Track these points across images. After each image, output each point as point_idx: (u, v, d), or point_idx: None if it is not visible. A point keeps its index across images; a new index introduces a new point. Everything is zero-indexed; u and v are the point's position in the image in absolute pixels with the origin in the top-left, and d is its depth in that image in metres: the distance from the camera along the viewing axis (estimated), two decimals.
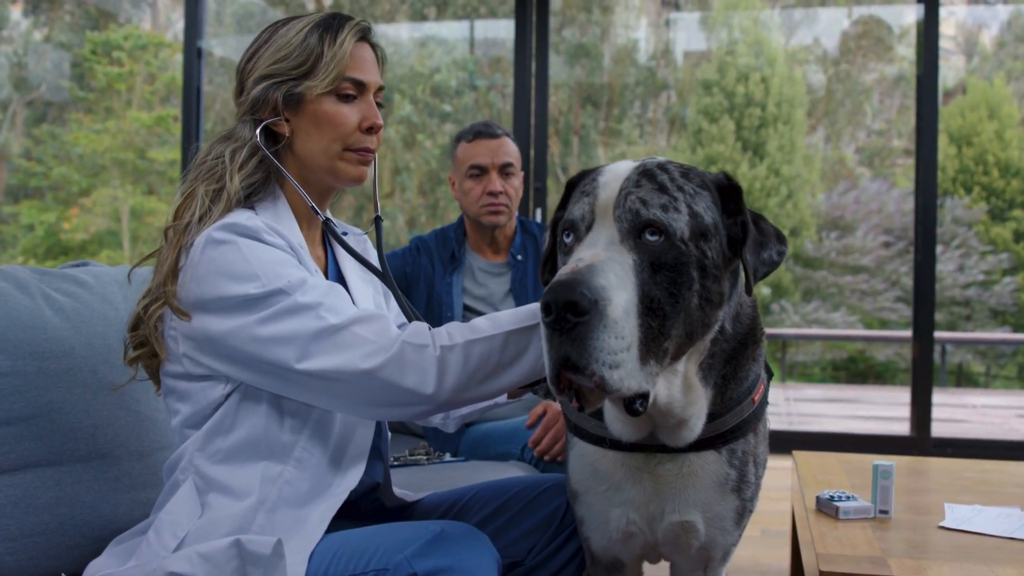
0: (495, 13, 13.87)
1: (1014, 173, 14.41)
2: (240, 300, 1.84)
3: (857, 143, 15.85)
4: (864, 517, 2.66)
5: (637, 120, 15.77)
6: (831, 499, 2.71)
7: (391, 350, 1.80)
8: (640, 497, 1.94)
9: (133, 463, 2.33)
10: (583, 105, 14.96)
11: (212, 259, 1.87)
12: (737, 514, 1.97)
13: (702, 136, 14.69)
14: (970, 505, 2.81)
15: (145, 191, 14.62)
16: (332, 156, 2.08)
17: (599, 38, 14.74)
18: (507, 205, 3.61)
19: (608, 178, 1.72)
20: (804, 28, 15.59)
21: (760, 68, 14.58)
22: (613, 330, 1.53)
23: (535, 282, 3.62)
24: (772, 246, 1.79)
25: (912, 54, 15.20)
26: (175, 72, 13.80)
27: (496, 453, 3.23)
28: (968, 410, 10.10)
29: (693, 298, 1.66)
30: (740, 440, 1.93)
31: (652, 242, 1.64)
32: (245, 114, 2.08)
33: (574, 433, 2.04)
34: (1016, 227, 14.31)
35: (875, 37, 15.26)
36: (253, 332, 1.83)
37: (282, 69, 2.03)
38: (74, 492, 2.19)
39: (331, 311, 1.83)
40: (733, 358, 1.87)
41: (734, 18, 14.89)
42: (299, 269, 1.90)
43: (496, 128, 3.69)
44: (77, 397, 2.23)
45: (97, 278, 2.48)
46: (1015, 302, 14.22)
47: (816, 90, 15.49)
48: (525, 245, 3.69)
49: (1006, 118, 14.48)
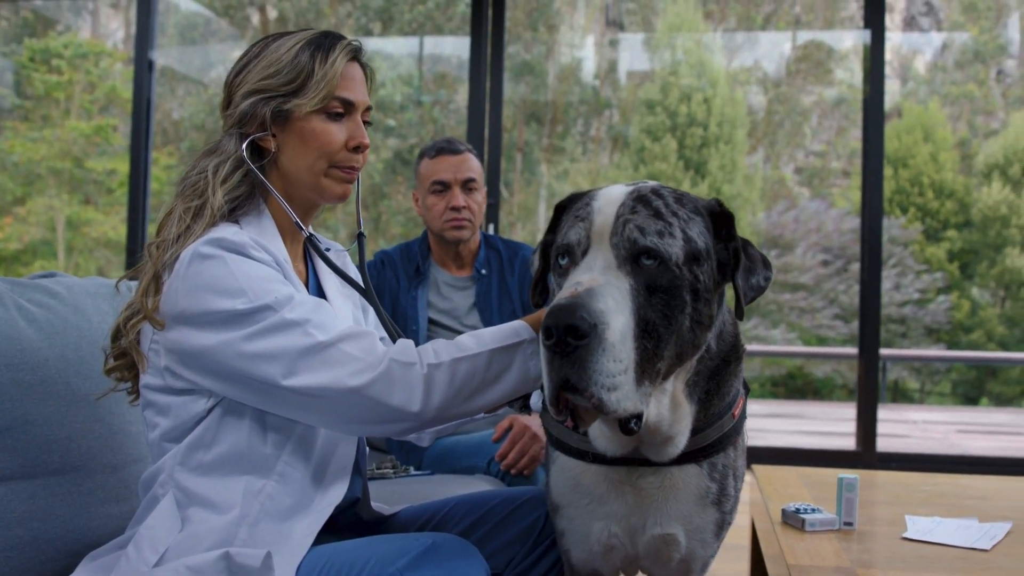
0: (441, 30, 13.91)
1: (948, 194, 14.72)
2: (227, 315, 1.83)
3: (796, 163, 16.09)
4: (829, 529, 2.71)
5: (580, 138, 15.88)
6: (797, 511, 2.75)
7: (378, 368, 1.80)
8: (622, 510, 1.96)
9: (106, 476, 2.30)
10: (527, 122, 15.04)
11: (198, 273, 1.86)
12: (717, 526, 2.00)
13: (645, 154, 14.82)
14: (929, 517, 2.87)
15: (82, 201, 14.41)
16: (317, 173, 2.08)
17: (544, 56, 14.82)
18: (470, 220, 3.64)
19: (602, 203, 1.75)
20: (746, 50, 15.81)
21: (702, 89, 14.76)
22: (611, 353, 1.56)
23: (499, 296, 3.64)
24: (760, 271, 1.84)
25: (851, 77, 15.49)
26: (116, 81, 13.67)
27: (462, 467, 3.24)
28: (908, 425, 10.28)
29: (685, 321, 1.70)
30: (721, 454, 1.97)
31: (648, 267, 1.67)
32: (232, 128, 2.07)
33: (556, 447, 2.05)
34: (950, 247, 14.61)
35: (815, 60, 15.51)
36: (239, 348, 1.82)
37: (272, 85, 2.03)
38: (47, 506, 2.16)
39: (319, 328, 1.83)
40: (716, 374, 1.90)
41: (677, 39, 15.05)
42: (286, 285, 1.90)
43: (459, 144, 3.71)
44: (51, 409, 2.20)
45: (69, 289, 2.45)
46: (949, 320, 14.49)
47: (756, 111, 15.71)
48: (489, 260, 3.71)
49: (940, 141, 14.80)
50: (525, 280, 3.68)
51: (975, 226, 14.64)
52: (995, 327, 14.42)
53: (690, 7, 15.26)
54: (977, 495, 3.29)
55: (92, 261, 14.07)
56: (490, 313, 3.61)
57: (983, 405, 14.11)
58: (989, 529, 2.74)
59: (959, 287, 14.62)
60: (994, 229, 14.32)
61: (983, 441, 9.35)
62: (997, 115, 15.90)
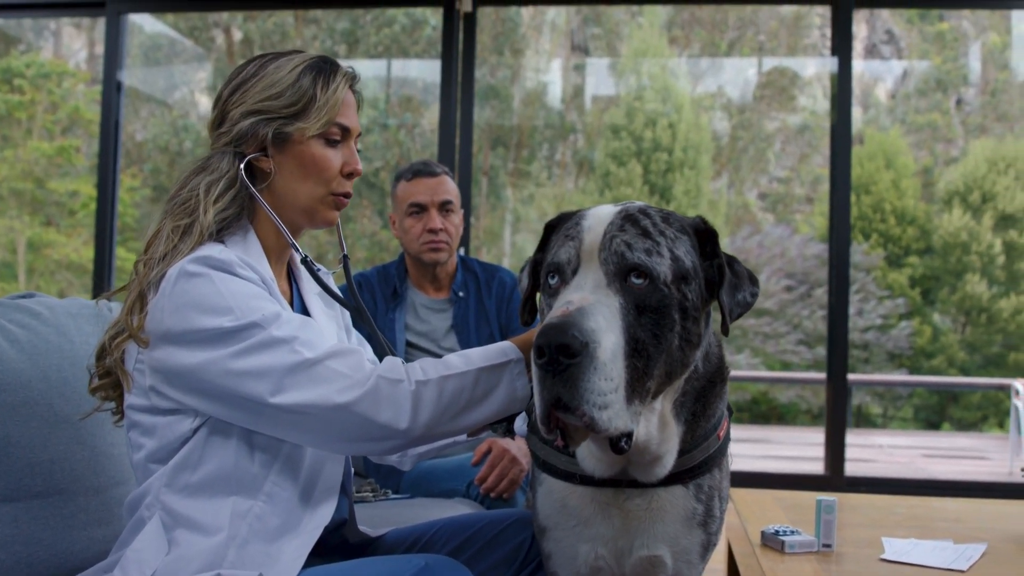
0: (407, 53, 13.94)
1: (910, 221, 14.88)
2: (214, 333, 1.81)
3: (760, 189, 16.23)
4: (809, 551, 2.73)
5: (546, 162, 15.94)
6: (776, 533, 2.77)
7: (366, 385, 1.80)
8: (609, 532, 1.96)
9: (90, 499, 2.27)
10: (492, 146, 15.08)
11: (185, 291, 1.84)
12: (703, 547, 2.01)
13: (610, 179, 14.90)
14: (905, 539, 2.89)
15: (43, 222, 14.28)
16: (315, 199, 2.08)
17: (509, 80, 14.90)
18: (447, 242, 3.64)
19: (592, 222, 1.76)
20: (710, 76, 15.96)
21: (667, 114, 14.87)
22: (602, 372, 1.57)
23: (477, 318, 3.64)
24: (746, 287, 1.85)
25: (814, 105, 15.66)
26: (79, 102, 13.57)
27: (441, 490, 3.23)
28: (874, 450, 10.35)
29: (674, 339, 1.71)
30: (707, 475, 1.98)
31: (637, 285, 1.68)
32: (226, 146, 2.05)
33: (542, 469, 2.05)
34: (912, 273, 14.76)
35: (779, 87, 15.68)
36: (227, 365, 1.80)
37: (274, 107, 2.02)
38: (31, 530, 2.12)
39: (306, 345, 1.81)
40: (703, 395, 1.91)
41: (643, 65, 15.17)
42: (272, 303, 1.89)
43: (435, 167, 3.72)
44: (34, 431, 2.17)
45: (51, 310, 2.42)
46: (911, 346, 14.63)
47: (721, 137, 15.84)
48: (466, 282, 3.72)
49: (902, 168, 14.98)
50: (502, 302, 3.69)
51: (936, 252, 14.82)
52: (956, 352, 14.58)
53: (655, 33, 15.39)
54: (950, 517, 3.32)
55: (53, 284, 13.93)
56: (468, 335, 3.61)
57: (945, 430, 14.24)
58: (964, 550, 2.77)
59: (921, 313, 14.78)
60: (955, 255, 14.50)
61: (948, 465, 9.43)
62: (957, 143, 16.12)
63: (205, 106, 14.18)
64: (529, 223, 15.60)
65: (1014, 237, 14.22)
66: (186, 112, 13.90)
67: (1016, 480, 7.87)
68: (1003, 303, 14.11)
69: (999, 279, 14.23)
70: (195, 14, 12.37)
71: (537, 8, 14.38)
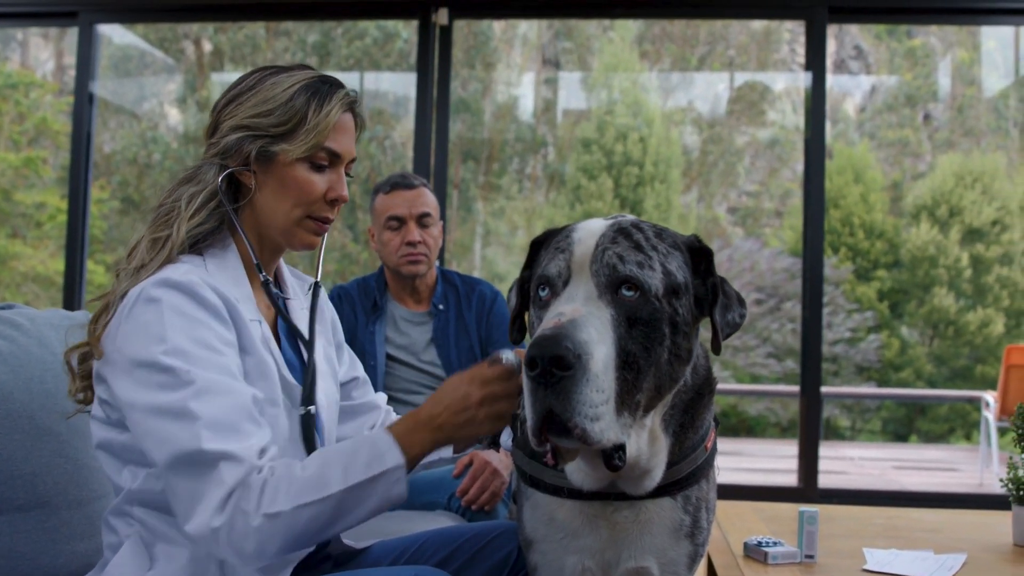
0: (379, 66, 13.93)
1: (878, 235, 15.00)
2: (144, 362, 1.77)
3: (729, 203, 16.31)
4: (791, 562, 2.73)
5: (517, 176, 15.96)
6: (759, 545, 2.77)
7: (225, 512, 1.70)
8: (596, 544, 1.96)
9: (72, 512, 2.25)
10: (463, 159, 15.07)
11: (137, 316, 1.81)
12: (690, 559, 2.01)
13: (581, 193, 14.92)
14: (886, 549, 2.90)
15: (9, 234, 14.14)
16: (292, 221, 2.04)
17: (481, 94, 14.91)
18: (426, 255, 3.63)
19: (582, 235, 1.77)
20: (680, 91, 16.04)
21: (638, 128, 14.92)
22: (594, 383, 1.57)
23: (457, 331, 3.64)
24: (735, 308, 1.86)
25: (783, 119, 15.77)
26: (46, 113, 13.47)
27: (421, 503, 3.22)
28: (845, 462, 10.41)
29: (664, 353, 1.71)
30: (694, 487, 1.98)
31: (628, 297, 1.68)
32: (213, 157, 2.02)
33: (530, 485, 2.04)
34: (880, 286, 14.87)
35: (749, 102, 15.78)
36: (140, 416, 1.76)
37: (261, 124, 1.98)
38: (12, 543, 2.10)
39: (212, 427, 1.73)
40: (690, 407, 1.91)
41: (614, 79, 15.22)
42: (214, 352, 1.82)
43: (413, 179, 3.71)
44: (16, 444, 2.14)
45: (32, 321, 2.40)
46: (879, 359, 14.73)
47: (691, 151, 15.91)
48: (447, 295, 3.71)
49: (870, 182, 15.10)
50: (482, 315, 3.69)
51: (904, 266, 14.94)
52: (924, 365, 14.69)
53: (626, 47, 15.46)
54: (929, 528, 3.33)
55: (20, 296, 13.78)
56: (448, 348, 3.60)
57: (912, 442, 14.33)
58: (945, 560, 2.78)
59: (889, 326, 14.88)
60: (922, 269, 14.62)
61: (918, 477, 9.50)
62: (924, 158, 16.27)
63: (175, 118, 14.12)
64: (499, 236, 15.62)
65: (981, 251, 14.36)
66: (155, 124, 13.82)
67: (987, 492, 7.94)
68: (970, 316, 14.24)
69: (966, 292, 14.36)
70: (165, 25, 12.32)
71: (509, 22, 14.42)
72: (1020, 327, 14.23)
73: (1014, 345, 8.01)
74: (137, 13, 6.76)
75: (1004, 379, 7.58)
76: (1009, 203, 14.54)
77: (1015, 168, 15.27)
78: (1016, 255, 14.32)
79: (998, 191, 14.53)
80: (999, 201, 14.50)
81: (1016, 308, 14.23)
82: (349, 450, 1.79)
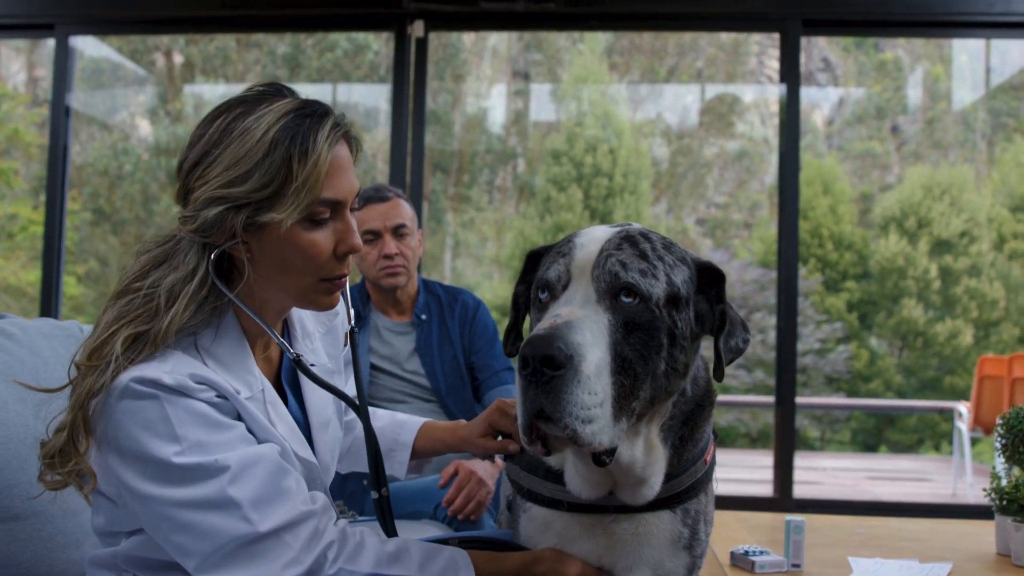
0: (350, 78, 13.92)
1: (847, 246, 15.12)
2: (160, 464, 1.63)
3: (698, 215, 16.40)
4: (778, 571, 2.74)
5: (487, 187, 15.99)
6: (746, 554, 2.78)
7: (305, 563, 1.66)
8: (593, 553, 1.96)
9: (67, 521, 2.24)
10: (433, 171, 15.08)
11: (130, 411, 1.64)
12: (688, 570, 2.01)
13: (551, 204, 14.96)
14: (871, 559, 2.92)
15: None
16: (304, 290, 1.80)
17: (450, 105, 14.93)
18: (404, 266, 3.62)
19: (585, 240, 1.77)
20: (649, 102, 16.12)
21: (607, 140, 14.97)
22: (586, 386, 1.57)
23: (440, 341, 3.64)
24: (739, 333, 1.85)
25: (752, 131, 15.88)
26: (18, 124, 13.36)
27: (407, 512, 3.21)
28: (818, 472, 10.46)
29: (661, 364, 1.71)
30: (693, 500, 1.99)
31: (627, 304, 1.68)
32: (192, 233, 1.72)
33: (527, 498, 2.03)
34: (849, 297, 14.98)
35: (717, 113, 15.88)
36: (169, 511, 1.64)
37: (240, 193, 1.68)
38: (11, 552, 2.09)
39: (259, 509, 1.65)
40: (690, 420, 1.92)
41: (583, 91, 15.28)
42: (230, 436, 1.69)
43: (387, 191, 3.69)
44: (12, 453, 2.13)
45: (24, 330, 2.38)
46: (849, 369, 14.83)
47: (660, 162, 15.98)
48: (429, 305, 3.71)
49: (839, 194, 15.22)
50: (465, 324, 3.69)
51: (873, 277, 15.05)
52: (893, 376, 14.80)
53: (595, 59, 15.53)
54: (911, 537, 3.36)
55: None
56: (431, 358, 3.60)
57: (882, 452, 14.42)
58: (931, 569, 2.80)
59: (858, 337, 14.99)
60: (891, 280, 14.74)
61: (891, 487, 9.55)
62: (892, 170, 16.42)
63: (146, 129, 14.05)
64: (469, 248, 15.63)
65: (949, 262, 14.50)
66: (127, 135, 13.75)
67: (961, 502, 8.00)
68: (939, 327, 14.36)
69: (935, 304, 14.49)
70: (136, 37, 12.26)
71: (479, 34, 14.46)
72: (988, 338, 14.37)
73: (987, 356, 8.09)
74: (114, 25, 6.72)
75: (977, 390, 7.63)
76: (977, 215, 14.70)
77: (982, 180, 15.44)
78: (984, 266, 14.46)
79: (966, 203, 14.69)
80: (967, 213, 14.65)
81: (984, 319, 14.37)
82: (427, 548, 1.79)
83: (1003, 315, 14.33)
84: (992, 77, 15.42)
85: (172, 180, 1.82)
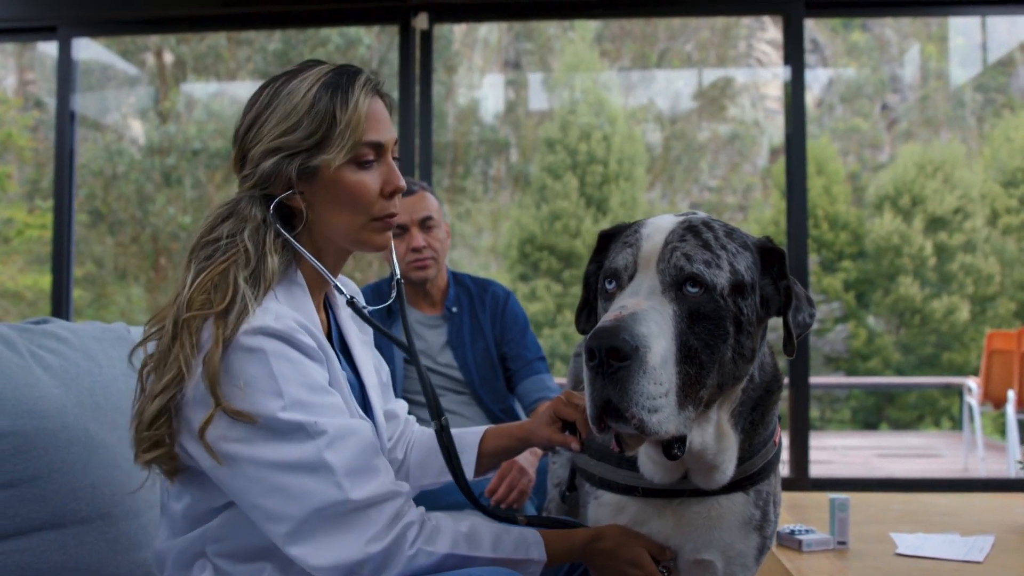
0: None
1: (842, 226, 15.15)
2: (264, 420, 1.71)
3: (692, 199, 16.42)
4: (825, 548, 2.79)
5: (482, 177, 15.99)
6: (792, 533, 2.82)
7: (388, 537, 1.74)
8: (660, 533, 1.99)
9: (129, 523, 2.27)
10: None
11: (241, 368, 1.72)
12: (758, 551, 2.05)
13: (546, 192, 14.96)
14: (913, 534, 2.96)
15: None
16: (356, 228, 1.93)
17: (443, 97, 14.91)
18: (433, 258, 3.63)
19: (651, 230, 1.80)
20: (641, 88, 16.13)
21: (601, 127, 14.98)
22: (652, 376, 1.62)
23: (472, 333, 3.65)
24: (805, 308, 1.89)
25: (743, 114, 15.90)
26: (11, 128, 13.31)
27: (449, 503, 3.21)
28: (828, 451, 10.50)
29: (727, 351, 1.75)
30: (764, 481, 2.02)
31: (692, 294, 1.72)
32: (253, 189, 1.90)
33: (599, 487, 2.07)
34: (846, 277, 15.01)
35: (709, 98, 15.90)
36: (261, 474, 1.71)
37: (292, 141, 1.86)
38: (78, 555, 2.12)
39: (352, 478, 1.73)
40: (759, 404, 1.96)
41: (575, 79, 15.28)
42: (330, 396, 1.79)
43: (412, 184, 3.69)
44: (74, 456, 2.16)
45: (75, 334, 2.41)
46: (847, 348, 14.87)
47: (654, 148, 16.00)
48: (459, 297, 3.72)
49: (833, 174, 15.25)
50: (496, 316, 3.70)
51: (869, 256, 15.08)
52: (891, 354, 14.85)
53: (586, 46, 15.53)
54: (946, 511, 3.40)
55: None
56: (463, 351, 3.62)
57: (882, 430, 14.49)
58: (975, 542, 2.84)
59: (856, 316, 15.03)
60: (887, 259, 14.77)
61: (902, 464, 9.58)
62: (883, 149, 16.47)
63: (138, 129, 14.00)
64: (465, 238, 15.62)
65: (944, 239, 14.54)
66: (120, 136, 13.71)
67: (973, 476, 8.06)
68: (935, 304, 14.41)
69: (931, 280, 14.53)
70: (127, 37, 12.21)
71: (470, 25, 14.44)
72: (985, 313, 14.42)
73: (996, 330, 8.13)
74: (116, 26, 6.69)
75: (986, 364, 7.68)
76: (970, 191, 14.73)
77: (974, 156, 15.50)
78: (979, 242, 14.51)
79: (959, 179, 14.72)
80: (960, 189, 14.69)
81: (981, 295, 14.42)
82: (498, 528, 1.89)
83: (999, 290, 14.38)
84: (990, 55, 15.45)
85: (166, 180, 1.94)
